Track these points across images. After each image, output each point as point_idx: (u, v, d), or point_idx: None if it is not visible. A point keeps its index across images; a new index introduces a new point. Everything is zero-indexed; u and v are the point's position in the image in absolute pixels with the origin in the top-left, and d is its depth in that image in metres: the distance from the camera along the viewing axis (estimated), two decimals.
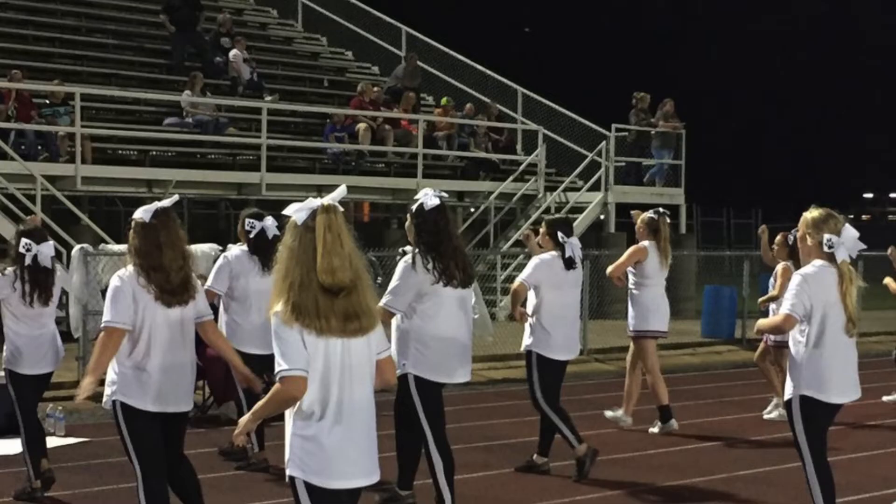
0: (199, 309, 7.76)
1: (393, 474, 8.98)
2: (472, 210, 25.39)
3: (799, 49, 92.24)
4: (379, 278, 14.58)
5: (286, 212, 5.62)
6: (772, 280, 13.52)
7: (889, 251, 15.26)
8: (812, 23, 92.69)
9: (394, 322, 8.72)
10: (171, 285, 7.57)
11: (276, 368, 5.44)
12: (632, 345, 13.06)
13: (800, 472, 8.05)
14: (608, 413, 13.21)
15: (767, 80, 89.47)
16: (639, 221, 13.10)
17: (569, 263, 10.57)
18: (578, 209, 24.92)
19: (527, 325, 10.59)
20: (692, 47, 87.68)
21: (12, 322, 9.44)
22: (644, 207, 13.80)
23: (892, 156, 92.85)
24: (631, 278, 12.90)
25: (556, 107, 26.95)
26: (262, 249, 10.33)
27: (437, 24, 30.55)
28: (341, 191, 5.73)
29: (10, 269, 9.47)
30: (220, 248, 12.94)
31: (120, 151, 21.97)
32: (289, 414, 5.53)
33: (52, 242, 9.69)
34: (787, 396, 7.96)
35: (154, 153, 22.14)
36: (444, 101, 26.66)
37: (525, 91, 27.45)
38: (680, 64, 78.99)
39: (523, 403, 11.47)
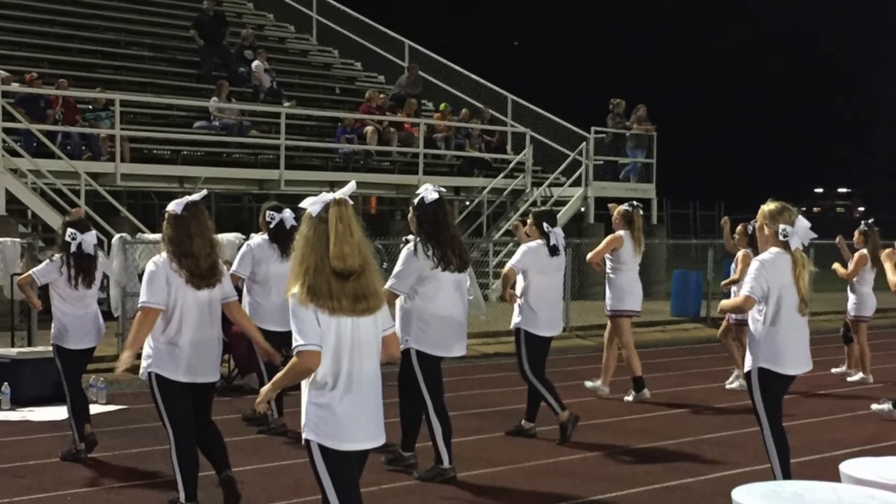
0: (225, 291, 7.77)
1: (397, 437, 8.99)
2: (468, 203, 25.35)
3: (759, 61, 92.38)
4: (384, 264, 14.56)
5: (302, 205, 5.62)
6: (733, 265, 13.52)
7: (837, 240, 15.26)
8: (771, 37, 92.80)
9: (398, 303, 8.72)
10: (201, 270, 7.57)
11: (294, 343, 5.44)
12: (609, 323, 13.07)
13: (758, 435, 8.08)
14: (588, 383, 13.23)
15: (730, 89, 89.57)
16: (615, 213, 13.10)
17: (553, 251, 10.57)
18: (561, 202, 24.89)
19: (516, 306, 10.59)
20: (663, 59, 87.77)
21: (59, 303, 9.44)
22: (620, 201, 13.78)
23: (840, 156, 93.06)
24: (608, 264, 12.90)
25: (542, 111, 26.93)
26: (281, 238, 10.32)
27: (436, 38, 30.52)
28: (351, 186, 5.74)
29: (57, 256, 9.48)
30: (244, 236, 12.93)
31: (154, 151, 21.95)
32: (304, 384, 5.53)
33: (94, 232, 9.69)
34: (746, 368, 7.97)
35: (185, 153, 22.16)
36: (442, 106, 26.66)
37: (514, 98, 27.40)
38: (652, 73, 79.06)
39: (513, 375, 11.48)
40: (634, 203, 13.24)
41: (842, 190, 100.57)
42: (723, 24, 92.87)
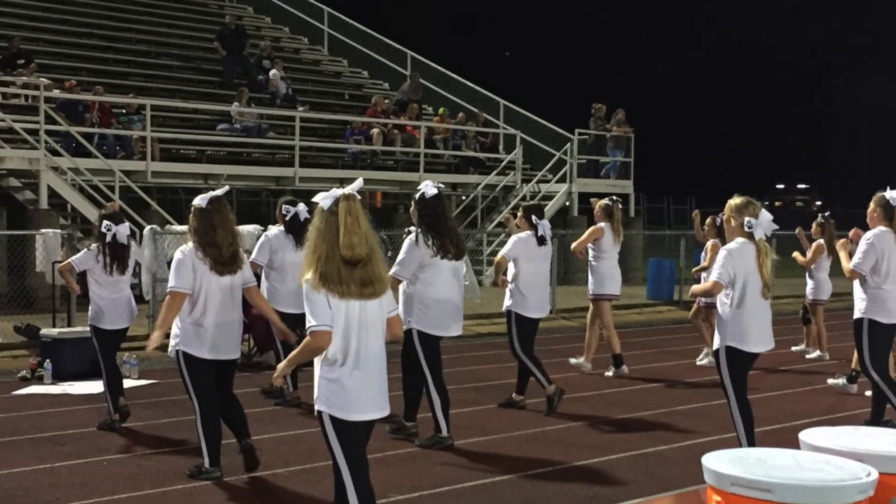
0: (245, 277, 7.77)
1: (400, 409, 8.99)
2: (464, 198, 25.35)
3: (725, 70, 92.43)
4: (389, 252, 14.55)
5: (315, 199, 5.61)
6: (703, 254, 13.52)
7: (796, 231, 15.26)
8: (734, 49, 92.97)
9: (401, 287, 8.72)
10: (223, 258, 7.58)
11: (307, 324, 5.43)
12: (591, 305, 13.06)
13: (726, 407, 8.08)
14: (572, 360, 13.22)
15: (700, 95, 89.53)
16: (597, 207, 13.10)
17: (541, 241, 10.56)
18: (548, 197, 24.88)
19: (507, 290, 10.59)
20: (640, 67, 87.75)
21: (96, 287, 9.44)
22: (601, 196, 13.76)
23: (799, 156, 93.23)
24: (590, 252, 12.89)
25: (531, 115, 26.90)
26: (296, 229, 10.31)
27: (435, 49, 30.43)
28: (358, 182, 5.73)
29: (94, 245, 9.50)
30: (262, 228, 12.91)
31: (182, 151, 21.93)
32: (317, 361, 5.52)
33: (127, 224, 9.70)
34: (715, 347, 7.97)
35: (209, 152, 22.12)
36: (441, 110, 26.61)
37: (505, 102, 27.38)
38: (630, 80, 78.94)
39: (504, 352, 11.48)
40: (614, 198, 13.22)
41: (801, 186, 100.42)
42: (693, 38, 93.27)
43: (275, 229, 10.72)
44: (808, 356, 14.59)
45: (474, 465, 8.35)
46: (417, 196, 8.75)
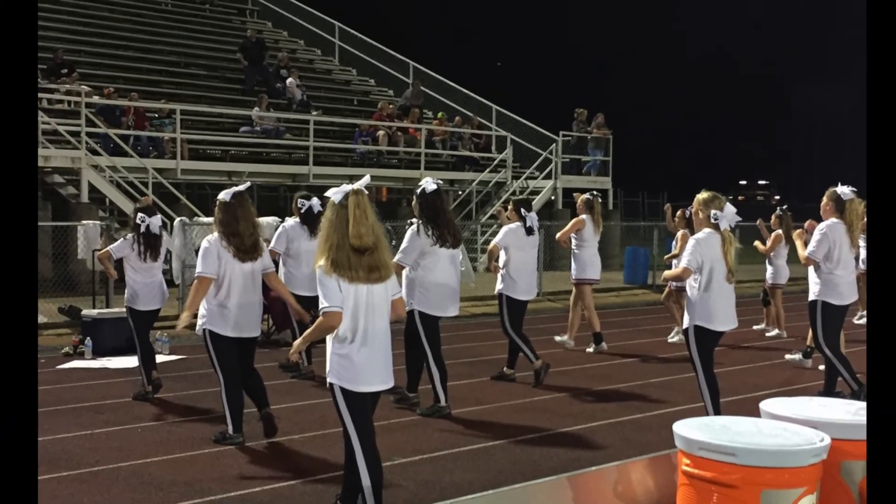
0: (264, 263, 7.75)
1: (403, 382, 8.98)
2: (460, 193, 25.28)
3: (694, 78, 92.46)
4: (393, 241, 14.52)
5: (327, 194, 5.60)
6: (674, 243, 13.50)
7: (757, 222, 15.23)
8: (704, 60, 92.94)
9: (404, 273, 8.69)
10: (245, 246, 7.56)
11: (320, 305, 5.41)
12: (574, 289, 13.05)
13: (694, 380, 8.07)
14: (557, 338, 13.22)
15: (672, 100, 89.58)
16: (579, 201, 13.07)
17: (529, 231, 10.54)
18: (535, 192, 24.84)
19: (499, 275, 10.57)
20: (618, 75, 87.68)
21: (131, 272, 9.42)
22: (583, 191, 13.75)
23: (759, 155, 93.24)
24: (573, 241, 12.87)
25: (520, 119, 26.83)
26: (310, 221, 10.29)
27: (435, 60, 30.32)
28: (366, 179, 5.70)
29: (129, 235, 9.49)
30: (280, 220, 12.89)
31: (208, 151, 21.87)
32: (329, 338, 5.50)
33: (159, 216, 9.68)
34: (684, 326, 7.96)
35: (232, 152, 22.08)
36: (439, 115, 26.56)
37: (497, 107, 27.31)
38: (609, 87, 78.86)
39: (496, 331, 11.46)
40: (594, 192, 13.22)
41: (761, 182, 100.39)
42: (666, 51, 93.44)
43: (291, 221, 10.69)
44: (767, 334, 14.58)
45: (469, 432, 8.34)
46: (418, 191, 8.72)
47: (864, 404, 5.00)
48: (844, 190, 9.22)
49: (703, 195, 7.82)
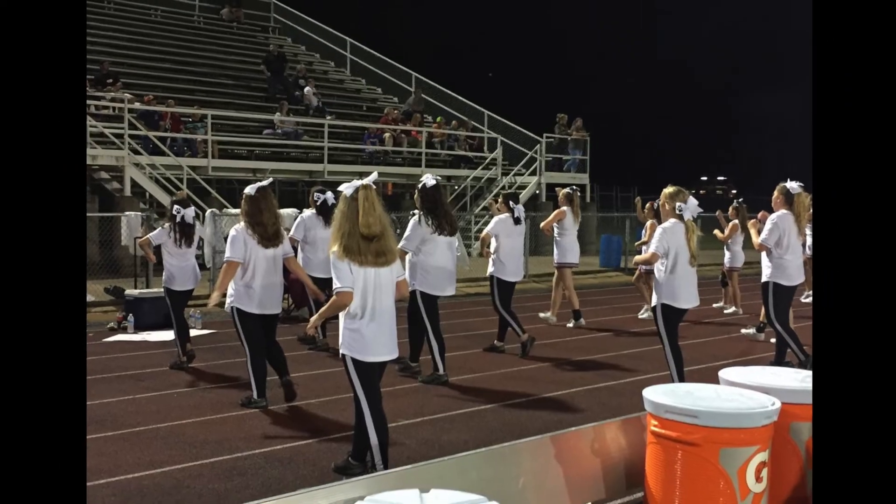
0: (285, 249, 7.73)
1: (406, 352, 8.98)
2: (456, 188, 25.25)
3: (661, 86, 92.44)
4: (397, 230, 14.49)
5: (340, 189, 5.59)
6: (643, 231, 13.51)
7: (717, 213, 15.24)
8: (670, 69, 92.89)
9: (407, 257, 8.68)
10: (268, 234, 7.54)
11: (333, 286, 5.41)
12: (556, 272, 13.05)
13: (661, 351, 8.07)
14: (541, 314, 13.22)
15: (642, 105, 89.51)
16: (560, 195, 13.06)
17: (517, 221, 10.53)
18: (522, 187, 24.82)
19: (490, 260, 10.57)
20: (595, 83, 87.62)
21: (168, 257, 9.42)
22: (563, 186, 13.75)
23: (718, 154, 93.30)
24: (555, 230, 12.86)
25: (508, 122, 26.82)
26: (325, 212, 10.27)
27: (434, 70, 30.22)
28: (374, 175, 5.70)
29: (166, 224, 9.48)
30: (298, 211, 12.86)
31: (235, 151, 21.83)
32: (341, 315, 5.51)
33: (193, 207, 9.64)
34: (653, 304, 7.96)
35: (257, 152, 22.04)
36: (438, 119, 26.55)
37: (489, 113, 27.28)
38: (589, 94, 78.79)
39: (488, 308, 11.46)
40: (574, 187, 13.22)
41: (720, 178, 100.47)
42: (636, 60, 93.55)
43: (308, 212, 10.68)
44: (725, 311, 14.59)
45: (465, 397, 8.35)
46: (420, 186, 8.71)
47: (810, 372, 5.01)
48: (793, 185, 9.23)
49: (669, 189, 7.81)
